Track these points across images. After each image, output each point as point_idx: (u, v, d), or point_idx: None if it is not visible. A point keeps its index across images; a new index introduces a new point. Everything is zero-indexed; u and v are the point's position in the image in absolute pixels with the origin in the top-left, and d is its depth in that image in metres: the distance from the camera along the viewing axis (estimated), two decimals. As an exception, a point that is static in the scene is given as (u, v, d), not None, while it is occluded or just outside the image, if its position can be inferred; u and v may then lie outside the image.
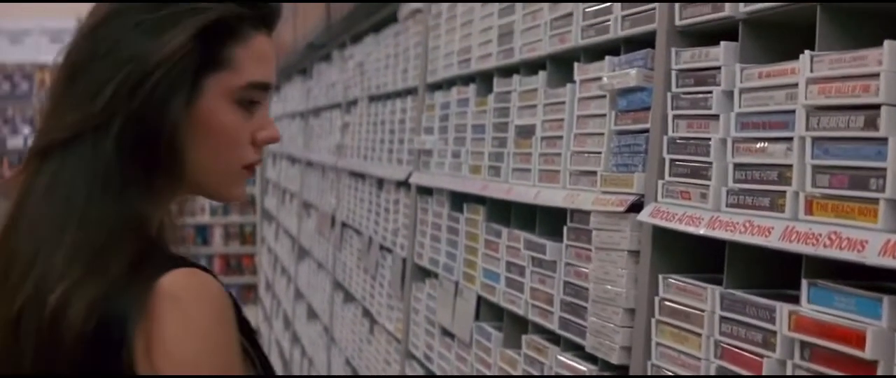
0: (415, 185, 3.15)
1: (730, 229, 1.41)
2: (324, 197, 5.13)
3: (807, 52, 1.31)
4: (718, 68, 1.52)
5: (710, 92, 1.53)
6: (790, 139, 1.33)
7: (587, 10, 1.97)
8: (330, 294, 4.84)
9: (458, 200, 2.72)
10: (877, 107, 1.17)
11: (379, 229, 3.70)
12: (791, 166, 1.32)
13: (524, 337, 2.17)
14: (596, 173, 1.86)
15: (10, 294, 1.15)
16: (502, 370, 2.29)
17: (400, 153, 3.45)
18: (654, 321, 1.63)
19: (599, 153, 1.86)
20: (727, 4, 1.52)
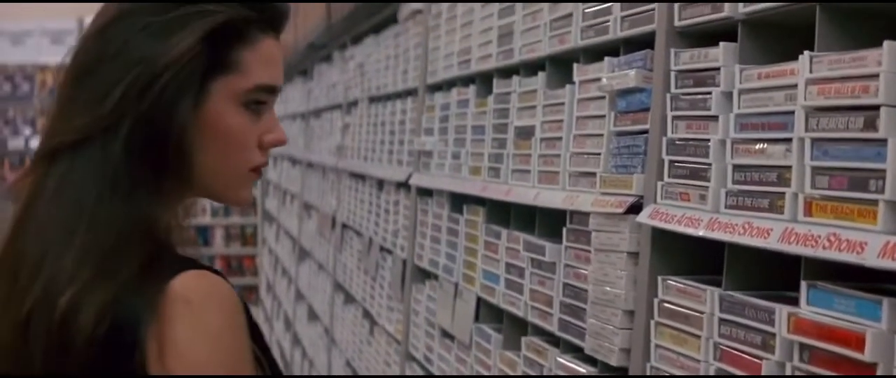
0: (415, 186, 3.14)
1: (729, 231, 1.41)
2: (324, 198, 5.13)
3: (806, 52, 1.30)
4: (718, 69, 1.52)
5: (710, 93, 1.52)
6: (789, 140, 1.33)
7: (586, 10, 1.97)
8: (330, 295, 4.83)
9: (458, 202, 2.71)
10: (876, 108, 1.17)
11: (379, 230, 3.70)
12: (790, 167, 1.32)
13: (524, 339, 2.16)
14: (595, 174, 1.86)
15: (18, 296, 1.14)
16: (502, 372, 2.29)
17: (400, 154, 3.45)
18: (653, 323, 1.62)
19: (599, 154, 1.86)
20: (726, 5, 1.51)
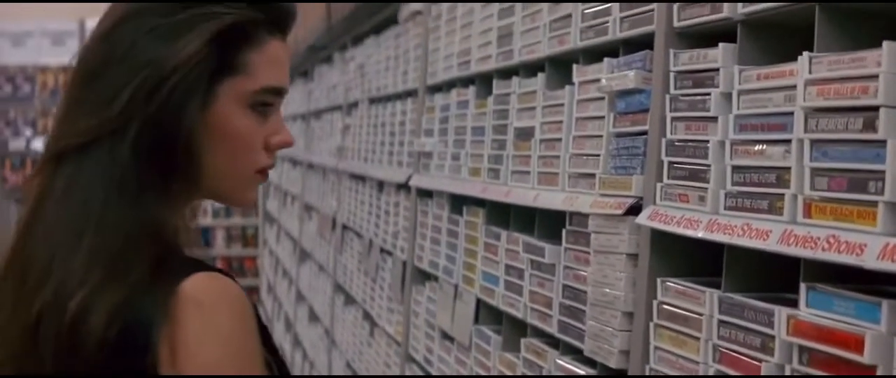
0: (415, 187, 3.14)
1: (728, 232, 1.40)
2: (325, 199, 5.12)
3: (805, 53, 1.30)
4: (717, 70, 1.51)
5: (709, 94, 1.52)
6: (789, 141, 1.32)
7: (586, 11, 1.96)
8: (331, 296, 4.83)
9: (458, 203, 2.71)
10: (875, 109, 1.16)
11: (379, 232, 3.70)
12: (789, 169, 1.31)
13: (523, 340, 2.16)
14: (595, 176, 1.85)
15: (27, 299, 1.14)
16: (501, 373, 2.28)
17: (400, 155, 3.44)
18: (652, 325, 1.62)
19: (598, 155, 1.85)
20: (726, 5, 1.51)
